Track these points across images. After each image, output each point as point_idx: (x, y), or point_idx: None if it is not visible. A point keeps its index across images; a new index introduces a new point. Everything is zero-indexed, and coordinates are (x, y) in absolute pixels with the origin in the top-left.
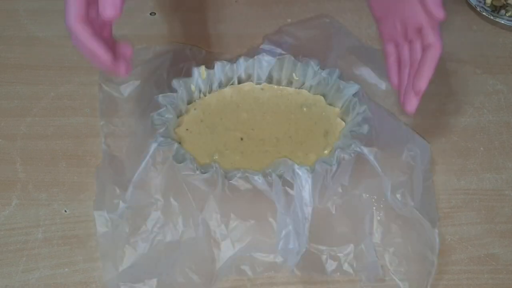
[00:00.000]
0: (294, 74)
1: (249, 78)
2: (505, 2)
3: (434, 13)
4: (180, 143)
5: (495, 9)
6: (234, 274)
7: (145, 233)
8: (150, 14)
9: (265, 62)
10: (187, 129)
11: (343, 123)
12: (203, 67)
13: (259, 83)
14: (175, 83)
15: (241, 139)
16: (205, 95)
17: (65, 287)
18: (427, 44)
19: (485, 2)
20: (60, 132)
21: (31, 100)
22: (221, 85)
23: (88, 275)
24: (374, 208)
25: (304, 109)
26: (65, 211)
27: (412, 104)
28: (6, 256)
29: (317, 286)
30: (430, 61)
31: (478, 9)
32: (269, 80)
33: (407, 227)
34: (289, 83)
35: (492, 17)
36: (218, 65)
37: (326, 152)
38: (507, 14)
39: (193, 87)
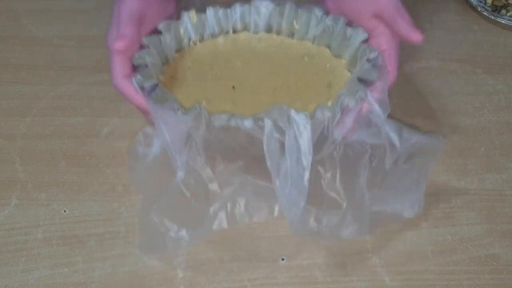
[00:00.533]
0: (295, 22)
1: (245, 27)
2: (506, 2)
3: (411, 38)
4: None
5: (496, 9)
6: (228, 222)
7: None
8: None
9: (263, 7)
10: (172, 76)
11: (350, 74)
12: (193, 11)
13: (257, 33)
14: (161, 25)
15: (233, 87)
16: (195, 44)
17: (65, 287)
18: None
19: (485, 2)
20: (60, 132)
21: (31, 100)
22: (213, 35)
23: (88, 275)
24: (370, 159)
25: (306, 59)
26: (65, 211)
27: None
28: (5, 256)
29: (318, 286)
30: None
31: (479, 9)
32: (268, 29)
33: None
34: (290, 34)
35: (493, 17)
36: (210, 10)
37: (329, 103)
38: (507, 14)
39: (182, 32)
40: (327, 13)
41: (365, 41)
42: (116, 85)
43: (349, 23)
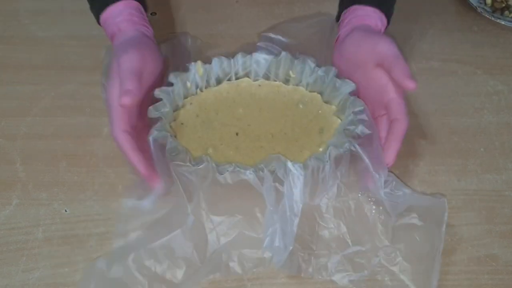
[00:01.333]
0: (291, 72)
1: (246, 74)
2: (506, 4)
3: (405, 86)
4: (175, 136)
5: (495, 10)
6: (222, 272)
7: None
8: (151, 14)
9: (263, 59)
10: (182, 123)
11: (339, 120)
12: (199, 63)
13: (257, 80)
14: (171, 77)
15: (237, 134)
16: (201, 90)
17: (65, 287)
18: (394, 118)
19: (485, 3)
20: (60, 132)
21: (31, 100)
22: (218, 81)
23: None
24: (374, 209)
25: (301, 106)
26: (65, 211)
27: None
28: (6, 255)
29: (317, 285)
30: (397, 135)
31: (479, 10)
32: (266, 77)
33: (411, 223)
34: (286, 81)
35: (492, 18)
36: (215, 61)
37: (320, 149)
38: (511, 15)
39: (188, 84)
40: (319, 65)
41: (353, 92)
42: (116, 138)
43: (338, 75)
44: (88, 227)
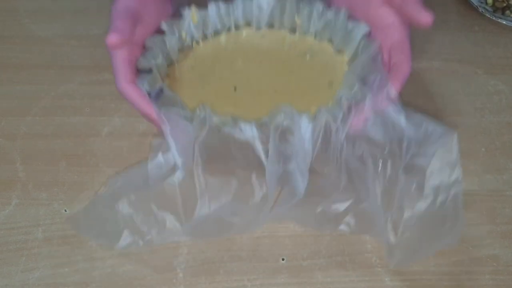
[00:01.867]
0: (296, 17)
1: (247, 23)
2: (507, 3)
3: (420, 20)
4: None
5: (497, 9)
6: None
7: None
8: None
9: (265, 3)
10: (176, 77)
11: None
12: (193, 9)
13: (259, 29)
14: (164, 25)
15: (235, 88)
16: (198, 43)
17: (65, 287)
18: (396, 60)
19: (486, 3)
20: (60, 131)
21: (31, 100)
22: (216, 32)
23: (88, 274)
24: (380, 162)
25: (308, 56)
26: (65, 210)
27: None
28: (5, 255)
29: (318, 286)
30: (398, 77)
31: (480, 9)
32: (270, 25)
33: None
34: (293, 30)
35: (494, 18)
36: (212, 7)
37: (330, 103)
38: None
39: (183, 34)
40: (328, 6)
41: (367, 35)
42: (121, 90)
43: (350, 17)
44: None
